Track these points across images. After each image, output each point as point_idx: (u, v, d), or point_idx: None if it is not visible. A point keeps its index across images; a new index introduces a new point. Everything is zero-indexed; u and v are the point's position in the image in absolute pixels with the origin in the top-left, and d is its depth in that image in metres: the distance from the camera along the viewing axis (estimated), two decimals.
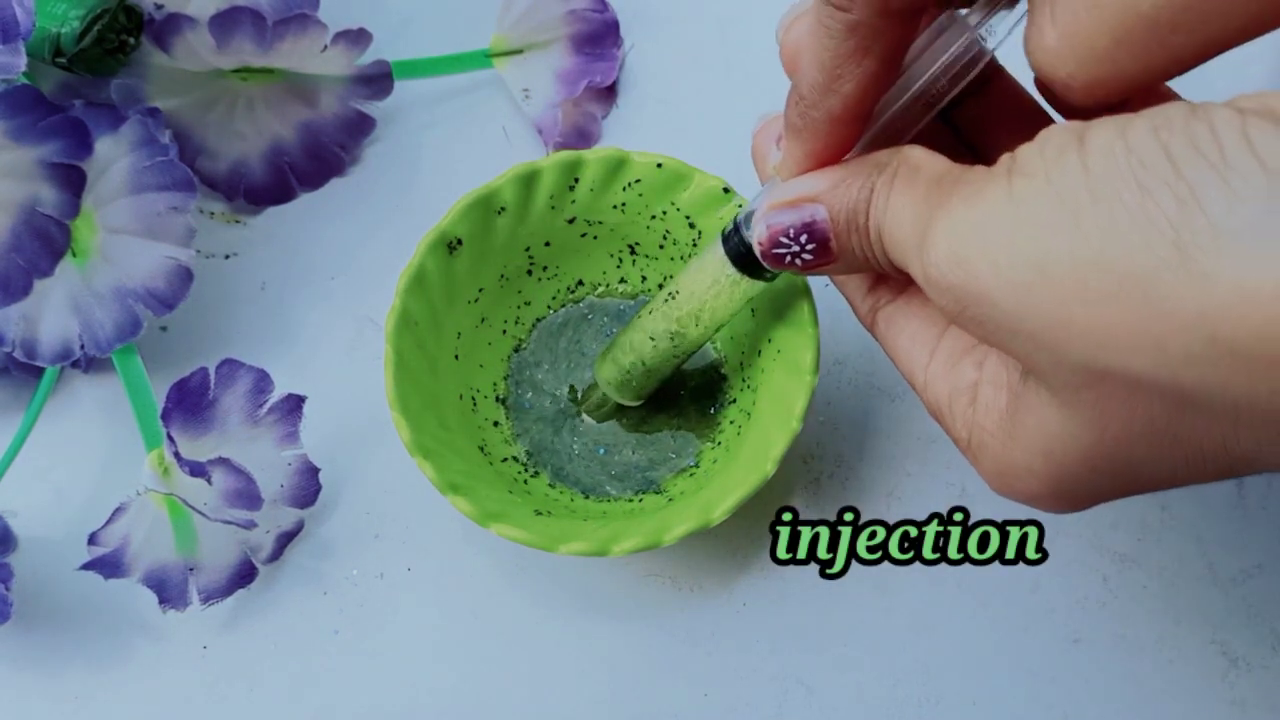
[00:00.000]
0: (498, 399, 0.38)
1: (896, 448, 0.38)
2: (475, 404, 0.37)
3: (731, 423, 0.37)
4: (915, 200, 0.24)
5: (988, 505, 0.38)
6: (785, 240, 0.27)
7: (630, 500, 0.36)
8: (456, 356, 0.37)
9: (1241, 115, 0.20)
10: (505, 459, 0.37)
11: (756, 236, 0.28)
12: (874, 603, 0.37)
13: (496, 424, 0.38)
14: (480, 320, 0.38)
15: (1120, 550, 0.37)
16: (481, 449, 0.36)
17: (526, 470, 0.37)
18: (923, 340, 0.28)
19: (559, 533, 0.33)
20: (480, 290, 0.37)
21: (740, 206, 0.35)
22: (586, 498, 0.36)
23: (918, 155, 0.25)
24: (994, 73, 0.29)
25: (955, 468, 0.38)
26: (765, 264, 0.28)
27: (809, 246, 0.27)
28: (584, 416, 0.38)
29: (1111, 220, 0.20)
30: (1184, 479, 0.23)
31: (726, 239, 0.31)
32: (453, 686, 0.36)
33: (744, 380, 0.37)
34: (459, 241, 0.36)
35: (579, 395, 0.38)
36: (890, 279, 0.29)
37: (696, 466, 0.37)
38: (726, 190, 0.36)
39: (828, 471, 0.38)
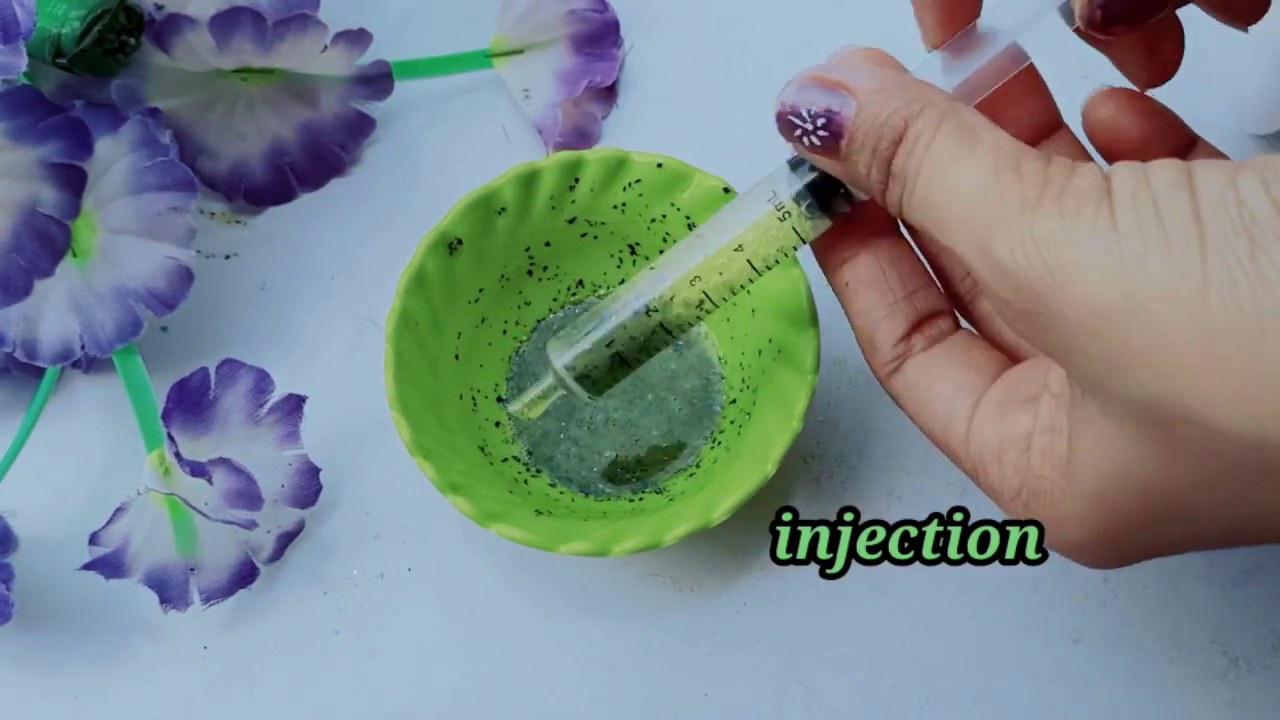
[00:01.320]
0: (498, 399, 0.38)
1: (896, 448, 0.38)
2: (475, 404, 0.37)
3: (731, 422, 0.37)
4: (978, 172, 0.23)
5: (988, 505, 0.38)
6: (804, 115, 0.26)
7: (631, 500, 0.36)
8: (457, 356, 0.37)
9: None
10: (506, 459, 0.37)
11: (782, 97, 0.26)
12: (874, 603, 0.37)
13: (497, 424, 0.38)
14: (480, 320, 0.38)
15: None
16: (482, 449, 0.36)
17: (527, 470, 0.37)
18: (968, 389, 0.27)
19: (559, 532, 0.33)
20: (480, 290, 0.38)
21: None
22: (586, 496, 0.36)
23: (973, 118, 0.24)
24: None
25: (955, 468, 0.38)
26: (777, 126, 0.27)
27: (821, 133, 0.26)
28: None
29: (1223, 271, 0.20)
30: (1234, 540, 0.23)
31: (795, 164, 0.29)
32: (453, 686, 0.36)
33: (744, 380, 0.37)
34: (459, 241, 0.36)
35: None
36: (924, 325, 0.29)
37: (697, 466, 0.37)
38: (727, 190, 0.36)
39: (828, 471, 0.38)
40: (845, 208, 0.29)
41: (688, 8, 0.44)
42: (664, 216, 0.37)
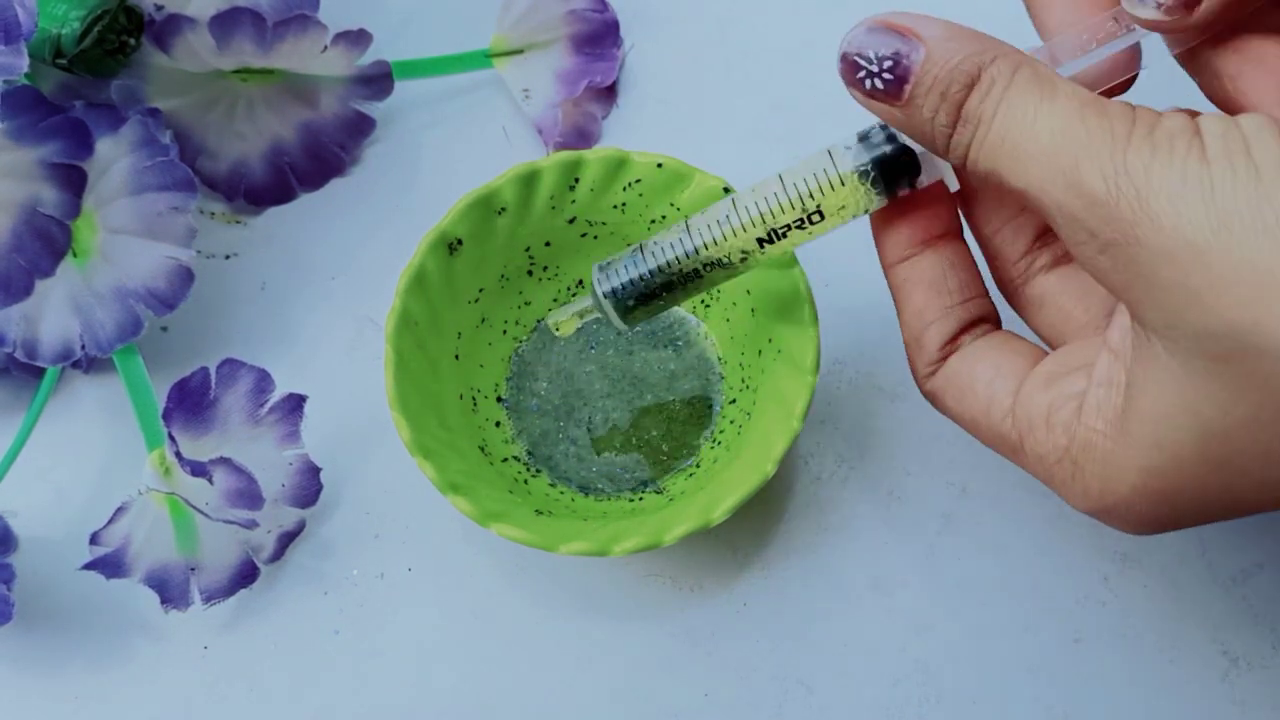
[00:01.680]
0: (498, 399, 0.38)
1: (896, 448, 0.38)
2: (475, 404, 0.37)
3: (731, 422, 0.37)
4: (1062, 114, 0.24)
5: (988, 505, 0.38)
6: (870, 58, 0.26)
7: (630, 499, 0.36)
8: (457, 356, 0.37)
9: None
10: (506, 459, 0.37)
11: (848, 40, 0.27)
12: (874, 603, 0.37)
13: (497, 424, 0.38)
14: (481, 320, 0.38)
15: (1120, 550, 0.37)
16: (482, 449, 0.36)
17: (527, 470, 0.37)
18: (1010, 371, 0.28)
19: (559, 532, 0.33)
20: (480, 290, 0.38)
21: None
22: (586, 496, 0.37)
23: (1048, 71, 0.25)
24: None
25: (956, 468, 0.38)
26: (840, 69, 0.27)
27: (886, 75, 0.26)
28: (585, 429, 0.38)
29: None
30: None
31: (866, 135, 0.29)
32: (453, 686, 0.36)
33: (744, 380, 0.37)
34: (459, 241, 0.36)
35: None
36: (970, 329, 0.29)
37: (697, 466, 0.37)
38: (726, 190, 0.36)
39: (828, 471, 0.38)
40: (907, 188, 0.29)
41: (688, 8, 0.44)
42: (663, 218, 0.37)
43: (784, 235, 0.30)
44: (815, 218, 0.30)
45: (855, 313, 0.39)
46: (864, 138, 0.29)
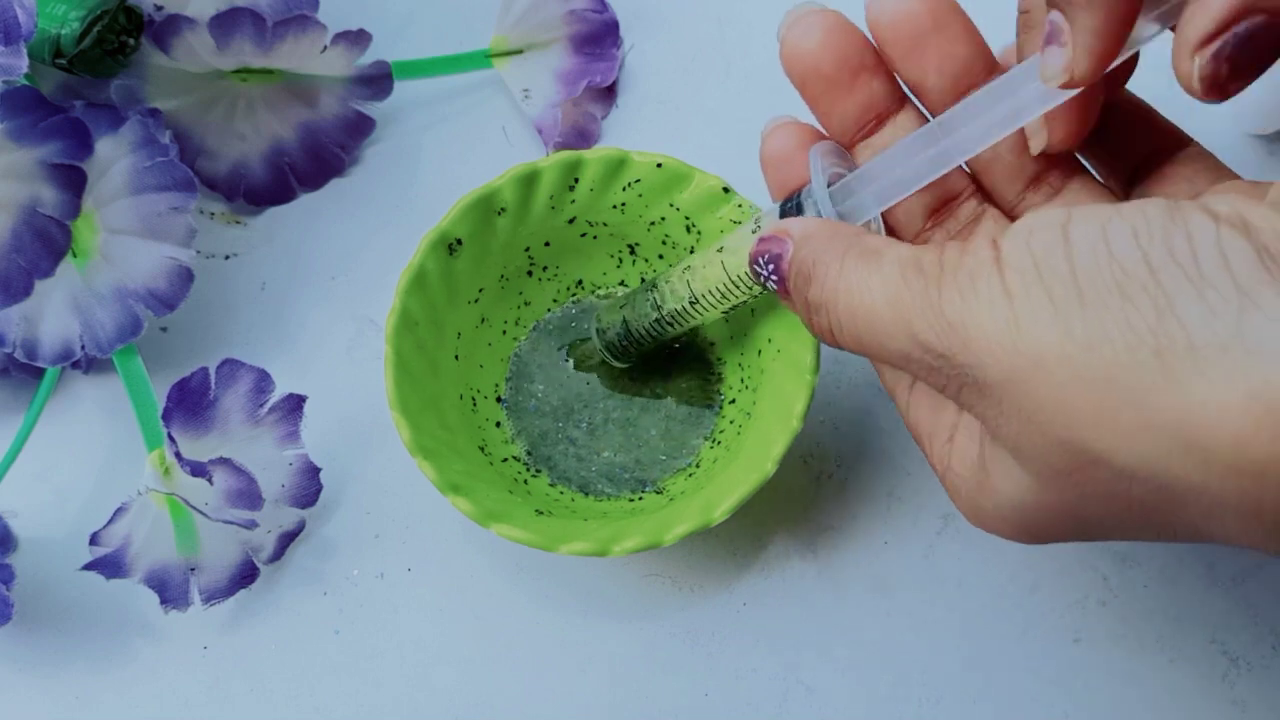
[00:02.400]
0: (498, 399, 0.38)
1: (896, 448, 0.38)
2: (475, 404, 0.37)
3: (731, 422, 0.37)
4: (887, 280, 0.25)
5: None
6: (761, 262, 0.29)
7: (631, 499, 0.36)
8: (457, 357, 0.37)
9: (1216, 224, 0.21)
10: (506, 459, 0.37)
11: (752, 249, 0.29)
12: (874, 603, 0.37)
13: (497, 424, 0.38)
14: (480, 320, 0.38)
15: (1120, 550, 0.37)
16: (482, 449, 0.36)
17: (527, 470, 0.37)
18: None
19: (559, 533, 0.33)
20: (480, 290, 0.38)
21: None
22: (586, 496, 0.37)
23: (875, 241, 0.27)
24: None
25: None
26: (749, 273, 0.30)
27: (774, 278, 0.29)
28: (583, 423, 0.38)
29: (1100, 324, 0.21)
30: (1149, 539, 0.24)
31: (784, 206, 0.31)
32: (453, 686, 0.36)
33: (744, 380, 0.37)
34: (459, 242, 0.36)
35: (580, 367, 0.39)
36: None
37: (696, 466, 0.37)
38: (726, 190, 0.36)
39: (828, 471, 0.38)
40: None
41: (688, 8, 0.44)
42: (663, 219, 0.37)
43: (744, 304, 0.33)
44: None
45: None
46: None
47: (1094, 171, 0.31)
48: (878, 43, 0.30)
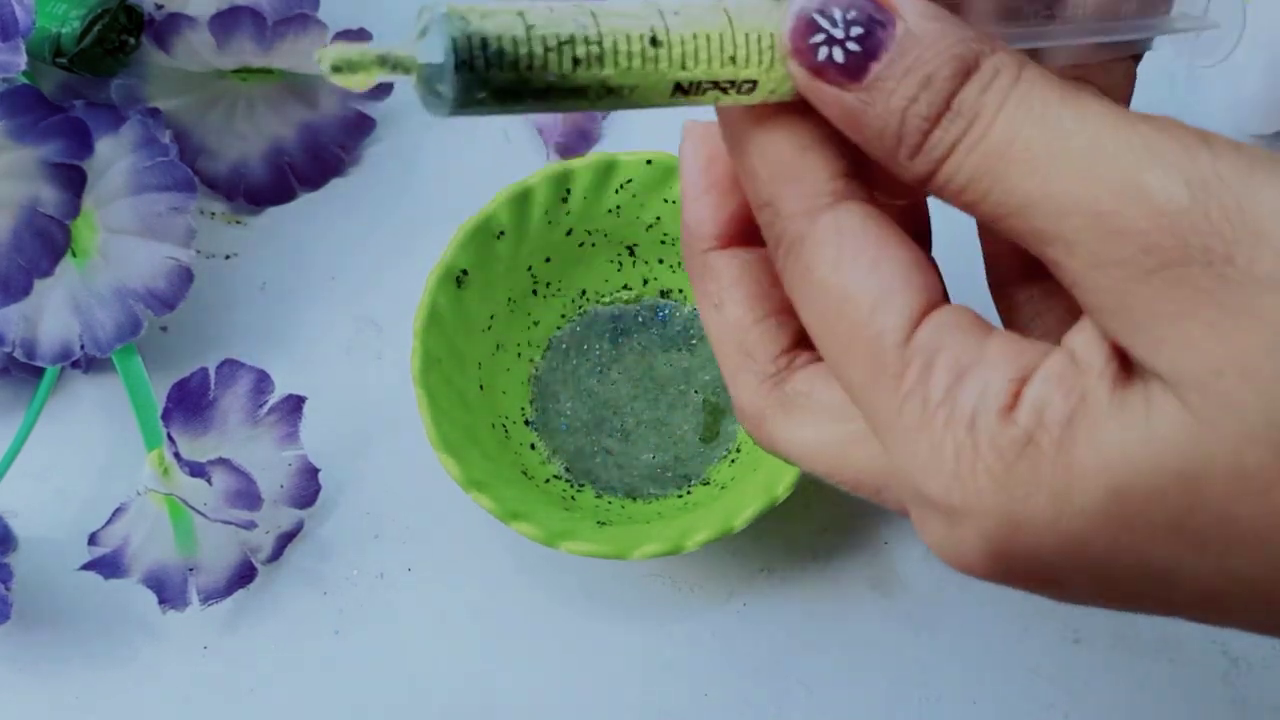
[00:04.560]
0: (526, 422, 0.38)
1: None
2: (508, 431, 0.37)
3: None
4: (1100, 120, 0.19)
5: None
6: (836, 20, 0.19)
7: (680, 496, 0.37)
8: (481, 387, 0.37)
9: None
10: (547, 479, 0.37)
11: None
12: (874, 603, 0.37)
13: (532, 446, 0.38)
14: (496, 348, 0.38)
15: None
16: (524, 473, 0.36)
17: (571, 487, 0.37)
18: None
19: (628, 539, 0.33)
20: (491, 317, 0.38)
21: None
22: (635, 501, 0.37)
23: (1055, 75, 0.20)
24: None
25: None
26: (790, 30, 0.20)
27: (851, 47, 0.19)
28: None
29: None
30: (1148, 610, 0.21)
31: None
32: (453, 686, 0.36)
33: None
34: (465, 273, 0.36)
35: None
36: None
37: (738, 451, 0.37)
38: None
39: None
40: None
41: None
42: (659, 218, 0.37)
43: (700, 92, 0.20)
44: (746, 87, 0.20)
45: None
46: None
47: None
48: None
